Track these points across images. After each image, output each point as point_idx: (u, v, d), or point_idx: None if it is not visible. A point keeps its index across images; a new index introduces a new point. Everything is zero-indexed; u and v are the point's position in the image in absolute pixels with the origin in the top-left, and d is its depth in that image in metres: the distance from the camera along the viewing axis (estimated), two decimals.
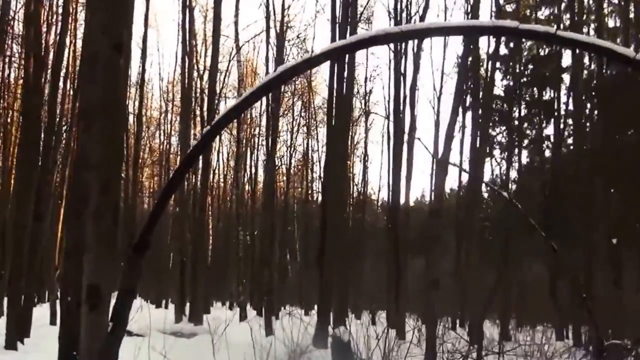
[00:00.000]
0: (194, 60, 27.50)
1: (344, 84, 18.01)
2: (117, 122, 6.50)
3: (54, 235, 22.64)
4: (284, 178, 41.65)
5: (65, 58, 23.03)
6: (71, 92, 24.99)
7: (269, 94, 19.60)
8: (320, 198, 51.75)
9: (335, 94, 18.51)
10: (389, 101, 31.13)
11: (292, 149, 39.04)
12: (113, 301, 4.15)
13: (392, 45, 25.48)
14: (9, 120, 28.30)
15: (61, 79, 22.71)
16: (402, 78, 25.46)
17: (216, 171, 40.30)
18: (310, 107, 37.17)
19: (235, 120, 25.24)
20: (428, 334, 13.19)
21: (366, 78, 33.88)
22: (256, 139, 38.26)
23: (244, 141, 35.14)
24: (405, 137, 25.30)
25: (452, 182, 48.79)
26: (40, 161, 14.72)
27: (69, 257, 8.04)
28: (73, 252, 8.22)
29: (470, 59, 24.70)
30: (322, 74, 36.43)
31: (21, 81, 19.64)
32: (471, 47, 18.27)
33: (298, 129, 37.54)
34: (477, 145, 23.68)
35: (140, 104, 26.62)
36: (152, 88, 39.15)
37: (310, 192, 44.04)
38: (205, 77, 29.31)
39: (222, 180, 44.48)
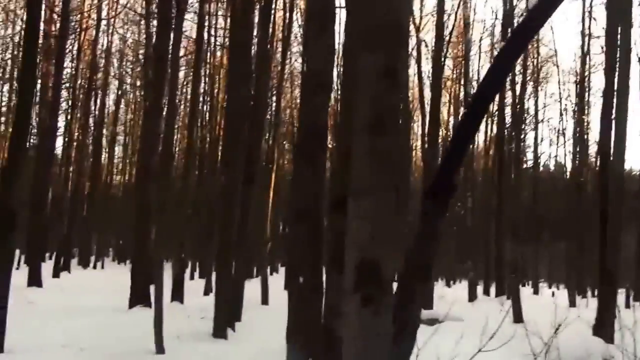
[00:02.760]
0: None
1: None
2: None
3: (264, 203, 20.90)
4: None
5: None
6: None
7: None
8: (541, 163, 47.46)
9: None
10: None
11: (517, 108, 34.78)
12: None
13: None
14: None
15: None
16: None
17: None
18: (538, 59, 32.81)
19: None
20: None
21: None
22: None
23: None
24: None
25: None
26: (250, 115, 12.67)
27: (301, 219, 5.82)
28: (305, 212, 5.98)
29: None
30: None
31: None
32: None
33: (524, 85, 33.03)
34: None
35: None
36: None
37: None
38: None
39: None
